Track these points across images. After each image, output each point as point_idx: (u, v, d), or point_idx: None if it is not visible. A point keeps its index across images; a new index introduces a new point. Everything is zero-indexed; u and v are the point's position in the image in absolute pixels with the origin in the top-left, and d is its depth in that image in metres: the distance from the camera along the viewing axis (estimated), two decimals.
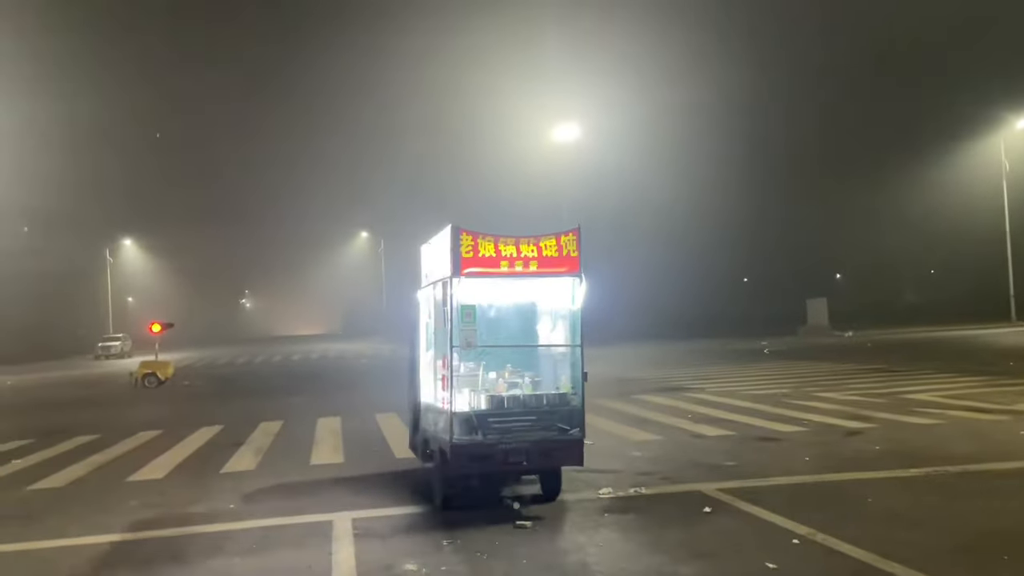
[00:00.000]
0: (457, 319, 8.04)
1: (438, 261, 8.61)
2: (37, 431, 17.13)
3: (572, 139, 52.09)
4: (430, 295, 9.20)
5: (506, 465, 8.08)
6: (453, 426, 7.86)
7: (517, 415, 8.11)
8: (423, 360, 9.54)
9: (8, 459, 13.58)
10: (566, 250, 8.24)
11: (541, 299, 8.89)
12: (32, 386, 34.53)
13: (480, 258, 7.93)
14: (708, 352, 34.64)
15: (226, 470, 11.80)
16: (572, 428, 8.25)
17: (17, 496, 10.64)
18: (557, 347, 8.82)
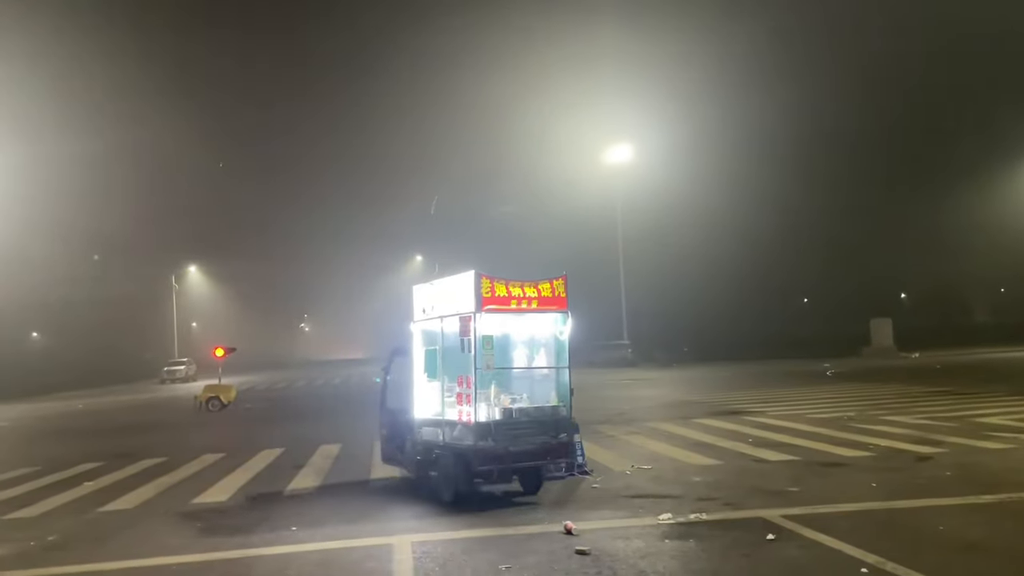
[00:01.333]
0: (480, 346, 9.66)
1: (448, 298, 10.38)
2: (107, 453, 17.65)
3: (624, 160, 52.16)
4: (435, 327, 10.73)
5: (513, 463, 9.88)
6: (476, 433, 9.55)
7: (522, 424, 9.91)
8: (418, 382, 11.05)
9: (80, 481, 14.01)
10: (557, 292, 10.31)
11: (538, 330, 10.62)
12: (102, 409, 35.66)
13: (496, 297, 9.82)
14: (768, 374, 33.97)
15: (288, 492, 11.98)
16: (561, 433, 10.15)
17: (88, 518, 10.95)
18: (551, 368, 10.59)
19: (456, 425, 10.00)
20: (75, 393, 51.05)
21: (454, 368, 10.22)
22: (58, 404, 41.85)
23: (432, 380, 10.85)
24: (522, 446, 9.79)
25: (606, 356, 48.26)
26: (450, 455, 10.18)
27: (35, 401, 45.48)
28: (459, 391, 9.99)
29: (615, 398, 25.75)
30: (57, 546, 9.34)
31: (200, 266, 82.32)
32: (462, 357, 9.93)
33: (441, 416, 10.37)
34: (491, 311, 9.80)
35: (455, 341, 10.13)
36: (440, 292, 10.70)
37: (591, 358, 48.80)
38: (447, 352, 10.43)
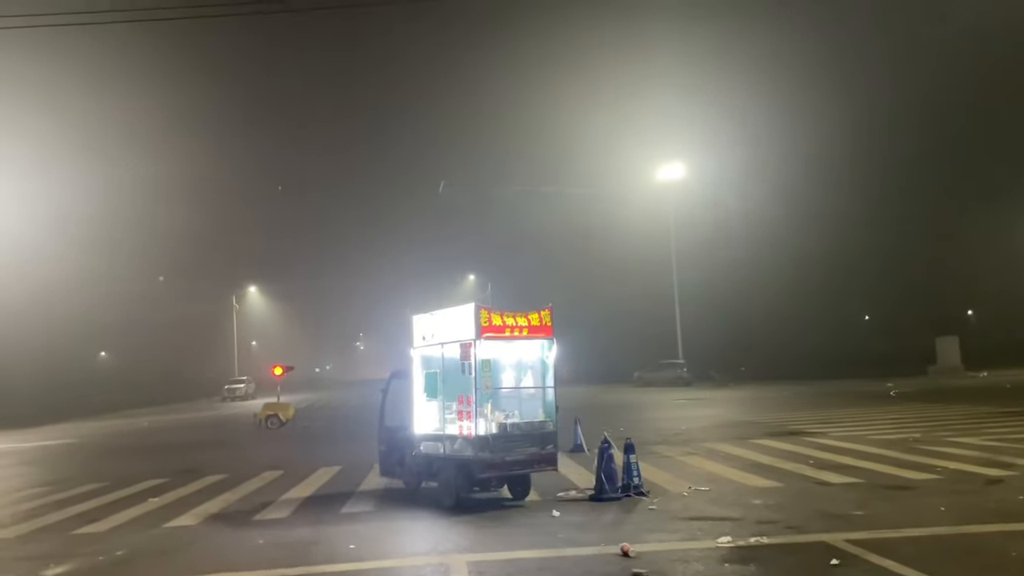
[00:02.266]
0: (479, 369, 10.93)
1: (448, 327, 11.70)
2: (171, 470, 18.11)
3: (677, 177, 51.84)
4: (434, 352, 12.03)
5: (508, 470, 11.26)
6: (476, 446, 10.88)
7: (516, 437, 11.24)
8: (418, 401, 12.31)
9: (146, 497, 14.40)
10: (544, 321, 11.59)
11: (527, 355, 11.90)
12: (166, 426, 36.63)
13: (492, 326, 11.13)
14: (828, 394, 33.18)
15: (346, 510, 12.12)
16: (549, 445, 11.47)
17: (154, 533, 11.24)
18: (538, 388, 11.88)
19: (457, 439, 11.35)
20: (140, 411, 52.55)
21: (454, 388, 11.52)
22: (124, 421, 43.12)
23: (432, 400, 12.11)
24: (516, 456, 11.18)
25: (661, 375, 47.75)
26: (452, 466, 11.51)
27: (103, 419, 46.92)
28: (460, 409, 11.33)
29: (671, 418, 25.44)
30: (124, 561, 9.61)
31: (260, 286, 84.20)
32: (462, 378, 11.24)
33: (442, 431, 11.73)
34: (489, 338, 11.11)
35: (455, 364, 11.40)
36: (440, 321, 12.00)
37: (645, 377, 48.32)
38: (447, 374, 11.70)
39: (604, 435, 12.02)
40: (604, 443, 11.74)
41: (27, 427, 41.91)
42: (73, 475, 18.73)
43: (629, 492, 11.61)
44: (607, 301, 62.00)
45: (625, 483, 11.71)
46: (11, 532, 11.81)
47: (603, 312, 62.79)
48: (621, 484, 11.69)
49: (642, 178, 55.01)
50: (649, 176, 53.62)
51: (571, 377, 57.82)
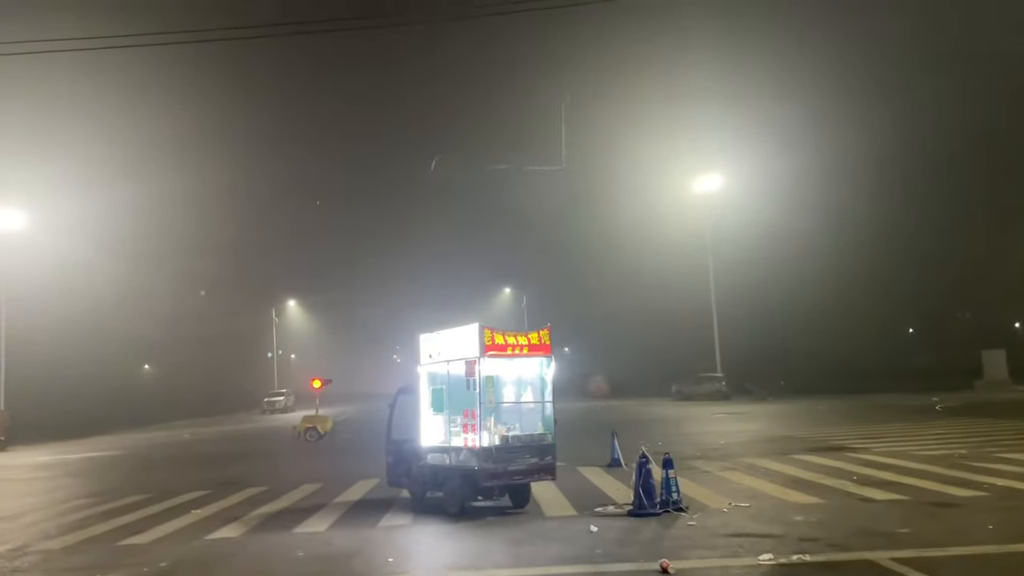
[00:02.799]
0: (483, 385, 11.70)
1: (453, 345, 12.42)
2: (213, 482, 18.37)
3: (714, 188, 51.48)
4: (440, 369, 12.78)
5: (510, 480, 11.95)
6: (481, 456, 11.57)
7: (517, 448, 11.95)
8: (424, 415, 13.00)
9: (188, 509, 14.63)
10: (543, 340, 12.38)
11: (526, 371, 12.57)
12: (207, 438, 37.17)
13: (495, 345, 11.89)
14: (871, 409, 32.56)
15: (383, 523, 12.19)
16: (547, 456, 12.20)
17: (196, 545, 11.41)
18: (538, 402, 12.58)
19: (462, 451, 12.05)
20: (182, 423, 53.40)
21: (459, 403, 12.25)
22: (167, 433, 43.85)
23: (438, 414, 12.81)
24: (517, 466, 11.88)
25: (699, 389, 47.27)
26: (457, 476, 12.24)
27: (146, 431, 47.77)
28: (465, 422, 12.04)
29: (709, 432, 25.17)
30: (168, 572, 9.77)
31: (298, 300, 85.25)
32: (467, 394, 11.98)
33: (448, 444, 12.45)
34: (492, 356, 11.85)
35: (461, 380, 12.15)
36: (446, 340, 12.70)
37: (683, 391, 47.88)
38: (452, 389, 12.43)
39: (642, 449, 11.94)
40: (642, 458, 11.66)
41: (73, 439, 42.84)
42: (118, 486, 19.09)
43: (668, 507, 11.51)
44: (643, 314, 61.67)
45: (664, 498, 11.61)
46: (58, 543, 12.07)
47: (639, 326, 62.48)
48: (659, 499, 11.59)
49: (679, 190, 54.72)
50: (686, 188, 53.33)
51: (608, 391, 57.57)
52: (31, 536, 12.81)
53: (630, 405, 44.41)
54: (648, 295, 60.75)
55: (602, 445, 18.39)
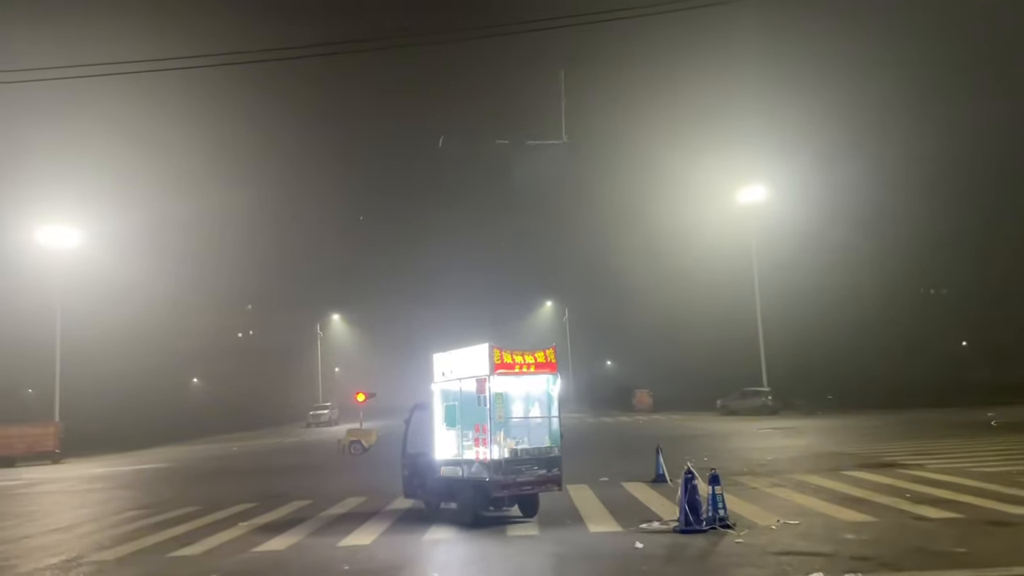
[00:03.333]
0: (493, 401, 12.37)
1: (465, 364, 13.14)
2: (259, 494, 18.60)
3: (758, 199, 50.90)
4: (453, 387, 13.46)
5: (519, 490, 12.59)
6: (491, 469, 12.20)
7: (525, 461, 12.60)
8: (438, 430, 13.71)
9: (236, 521, 14.83)
10: (549, 358, 13.12)
11: (534, 388, 13.31)
12: (254, 451, 37.68)
13: (504, 363, 12.59)
14: (923, 424, 31.73)
15: (428, 537, 12.21)
16: (554, 468, 12.79)
17: (244, 557, 11.55)
18: (545, 417, 13.24)
19: (474, 463, 12.70)
20: (230, 436, 54.24)
21: (471, 418, 12.92)
22: (215, 446, 44.57)
23: (451, 429, 13.52)
24: (526, 477, 12.54)
25: (745, 403, 46.55)
26: (469, 487, 12.85)
27: (194, 443, 48.64)
28: (476, 436, 12.72)
29: (756, 448, 24.77)
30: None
31: (342, 314, 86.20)
32: (478, 409, 12.65)
33: (460, 457, 13.10)
34: (501, 374, 12.54)
35: (472, 397, 12.82)
36: (458, 359, 13.44)
37: (729, 405, 47.21)
38: (464, 406, 13.13)
39: (687, 465, 11.79)
40: (688, 473, 11.51)
41: (125, 451, 43.81)
42: (168, 498, 19.44)
43: (714, 524, 11.34)
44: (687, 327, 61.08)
45: (710, 515, 11.44)
46: (111, 554, 12.32)
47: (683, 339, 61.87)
48: (706, 516, 11.43)
49: (722, 201, 54.20)
50: (729, 199, 52.82)
51: (651, 405, 57.03)
52: (85, 547, 13.10)
53: (674, 419, 43.93)
54: (692, 308, 60.20)
55: (646, 460, 18.23)
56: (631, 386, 61.49)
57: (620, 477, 17.56)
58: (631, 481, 16.90)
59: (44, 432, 40.63)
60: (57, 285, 46.89)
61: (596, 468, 19.67)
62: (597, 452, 26.72)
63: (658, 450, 17.53)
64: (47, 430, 40.87)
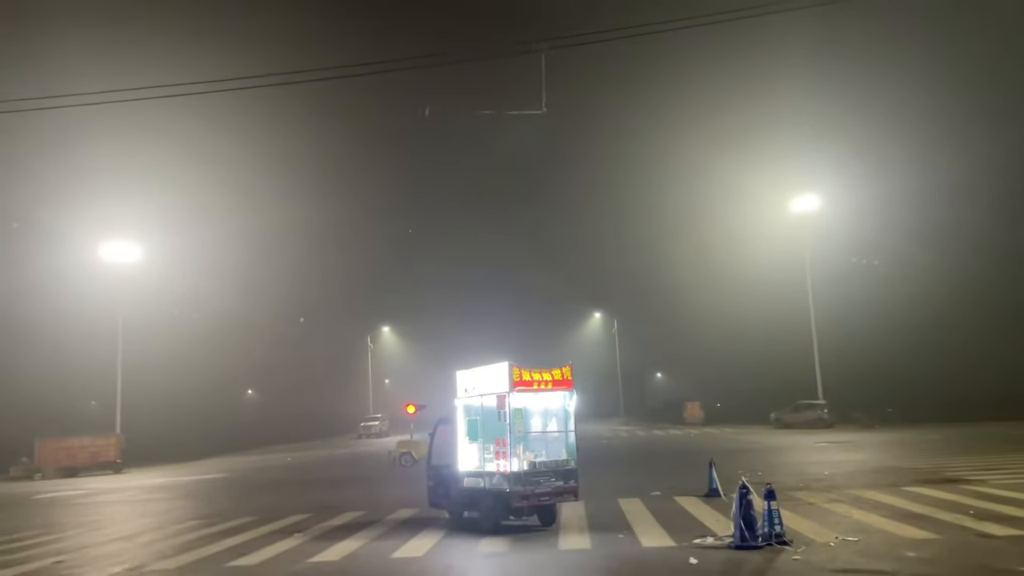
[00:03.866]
0: (512, 416, 13.09)
1: (486, 381, 13.83)
2: (313, 505, 18.88)
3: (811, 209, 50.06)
4: (475, 402, 14.21)
5: (537, 501, 13.26)
6: (511, 480, 12.97)
7: (543, 473, 13.30)
8: (461, 443, 14.44)
9: (291, 532, 15.07)
10: (565, 376, 13.72)
11: (551, 404, 13.95)
12: (307, 462, 38.23)
13: (523, 380, 13.30)
14: (986, 438, 30.73)
15: (480, 550, 12.24)
16: (570, 480, 13.46)
17: (298, 569, 11.72)
18: (562, 432, 13.86)
19: (495, 475, 13.42)
20: (283, 447, 55.13)
21: (492, 432, 13.64)
22: (269, 457, 45.35)
23: (473, 442, 14.24)
24: (544, 488, 13.23)
25: (799, 417, 45.66)
26: (490, 497, 13.53)
27: (250, 454, 49.55)
28: (497, 449, 13.45)
29: (812, 462, 24.27)
30: None
31: (392, 326, 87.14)
32: (498, 424, 13.38)
33: (482, 469, 13.85)
34: (520, 391, 13.24)
35: (493, 412, 13.53)
36: (480, 376, 14.10)
37: (783, 419, 46.38)
38: (486, 420, 13.84)
39: (742, 480, 11.62)
40: (743, 488, 11.35)
41: (183, 461, 44.84)
42: (226, 508, 19.84)
43: (770, 540, 11.15)
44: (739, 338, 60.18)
45: (766, 531, 11.26)
46: (173, 563, 12.62)
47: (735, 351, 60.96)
48: (761, 532, 11.25)
49: (774, 211, 53.43)
50: (782, 208, 52.05)
51: (703, 418, 56.31)
52: (147, 556, 13.45)
53: (727, 433, 43.30)
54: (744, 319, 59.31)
55: (698, 474, 18.02)
56: (681, 399, 60.81)
57: (672, 491, 17.39)
58: (683, 495, 16.72)
59: (106, 443, 41.88)
60: (119, 300, 48.35)
61: (647, 482, 19.51)
62: (648, 465, 26.50)
63: (711, 464, 17.31)
64: (109, 441, 42.11)
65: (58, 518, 20.81)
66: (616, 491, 17.92)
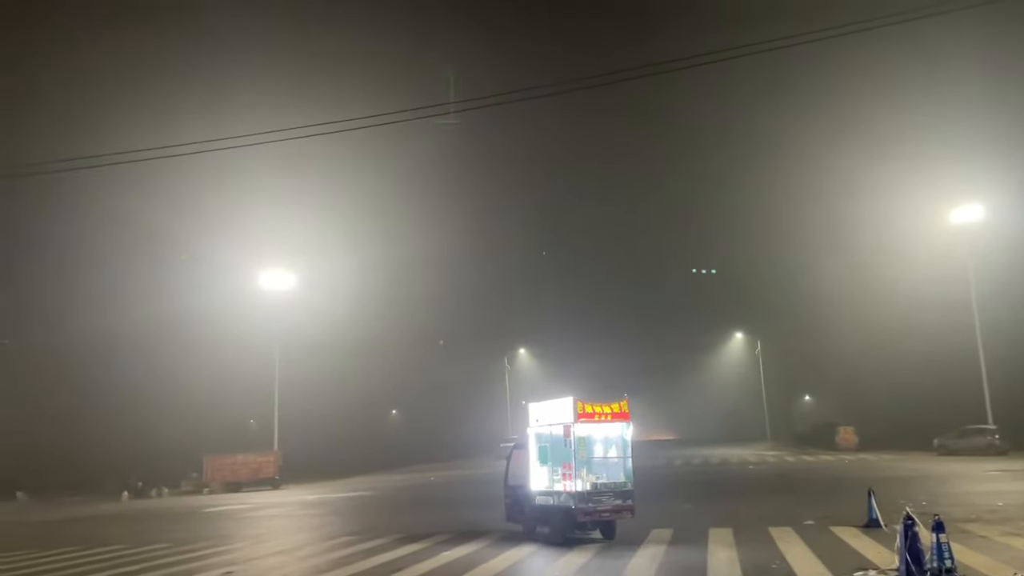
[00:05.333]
0: (576, 444, 15.15)
1: (554, 413, 16.01)
2: (457, 525, 19.31)
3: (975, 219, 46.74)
4: (545, 431, 16.35)
5: (599, 517, 15.20)
6: (576, 499, 14.98)
7: (604, 493, 15.19)
8: (533, 466, 16.56)
9: (438, 551, 15.44)
10: (623, 409, 15.73)
11: (610, 433, 15.74)
12: (449, 482, 39.13)
13: (585, 413, 15.36)
14: None
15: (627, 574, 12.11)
16: (628, 500, 15.31)
17: None
18: (620, 458, 15.67)
19: (562, 494, 15.46)
20: (426, 466, 56.64)
21: (559, 457, 15.72)
22: (413, 476, 46.69)
23: (543, 465, 16.33)
24: (604, 506, 15.16)
25: (966, 443, 42.33)
26: (559, 513, 15.56)
27: (395, 473, 51.19)
28: (564, 472, 15.51)
29: (982, 492, 22.45)
30: None
31: (529, 348, 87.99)
32: (565, 450, 15.47)
33: (551, 488, 15.93)
34: (583, 422, 15.27)
35: (560, 440, 15.66)
36: (548, 409, 16.26)
37: (947, 445, 43.21)
38: (554, 447, 15.98)
39: (906, 510, 10.91)
40: (907, 519, 10.65)
41: (334, 479, 46.91)
42: (375, 525, 20.59)
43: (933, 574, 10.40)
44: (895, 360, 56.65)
45: (935, 566, 10.50)
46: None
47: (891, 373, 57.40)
48: (930, 567, 10.50)
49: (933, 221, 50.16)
50: (941, 218, 48.83)
51: (857, 443, 53.27)
52: (306, 570, 14.16)
53: (884, 459, 40.75)
54: (900, 338, 55.77)
55: (855, 503, 17.09)
56: (832, 422, 57.83)
57: (827, 520, 16.55)
58: (839, 525, 15.88)
59: (266, 460, 44.47)
60: (276, 325, 51.45)
61: (799, 510, 18.68)
62: (799, 493, 25.37)
63: (870, 493, 16.35)
64: (268, 458, 44.69)
65: (226, 531, 22.26)
66: (766, 519, 17.25)
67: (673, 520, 18.10)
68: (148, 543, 19.04)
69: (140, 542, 19.38)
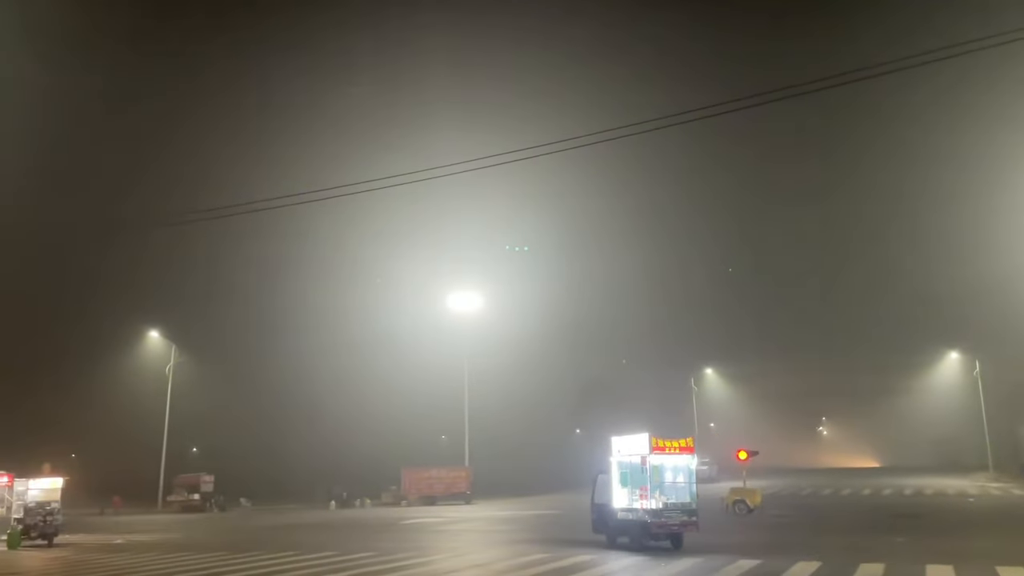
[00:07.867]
0: (651, 471, 18.83)
1: (633, 446, 19.81)
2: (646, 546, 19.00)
3: None
4: (625, 459, 20.08)
5: (669, 529, 18.73)
6: (651, 514, 18.53)
7: (672, 510, 18.78)
8: (616, 488, 20.19)
9: (639, 573, 15.26)
10: (689, 444, 19.68)
11: (678, 463, 19.39)
12: None
13: (658, 447, 19.15)
14: None
15: None
16: (692, 516, 18.88)
17: None
18: (686, 483, 19.23)
19: (639, 511, 19.02)
20: None
21: (637, 481, 19.39)
22: None
23: (624, 487, 19.94)
24: (673, 521, 18.72)
25: None
26: (637, 526, 19.08)
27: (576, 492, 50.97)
28: (641, 493, 19.10)
29: None
30: None
31: (715, 368, 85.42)
32: (641, 475, 19.17)
33: (631, 506, 19.53)
34: (656, 454, 18.98)
35: (637, 467, 19.36)
36: (627, 442, 20.16)
37: None
38: (632, 472, 19.63)
39: None
40: None
41: (520, 496, 47.68)
42: (562, 539, 20.74)
43: None
44: None
45: None
46: None
47: None
48: None
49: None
50: None
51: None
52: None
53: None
54: None
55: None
56: None
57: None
58: None
59: (458, 476, 46.06)
60: (464, 344, 53.35)
61: None
62: None
63: None
64: (460, 474, 46.25)
65: (426, 542, 23.25)
66: (993, 557, 15.61)
67: (885, 554, 16.80)
68: (356, 551, 20.25)
69: (348, 550, 20.65)
